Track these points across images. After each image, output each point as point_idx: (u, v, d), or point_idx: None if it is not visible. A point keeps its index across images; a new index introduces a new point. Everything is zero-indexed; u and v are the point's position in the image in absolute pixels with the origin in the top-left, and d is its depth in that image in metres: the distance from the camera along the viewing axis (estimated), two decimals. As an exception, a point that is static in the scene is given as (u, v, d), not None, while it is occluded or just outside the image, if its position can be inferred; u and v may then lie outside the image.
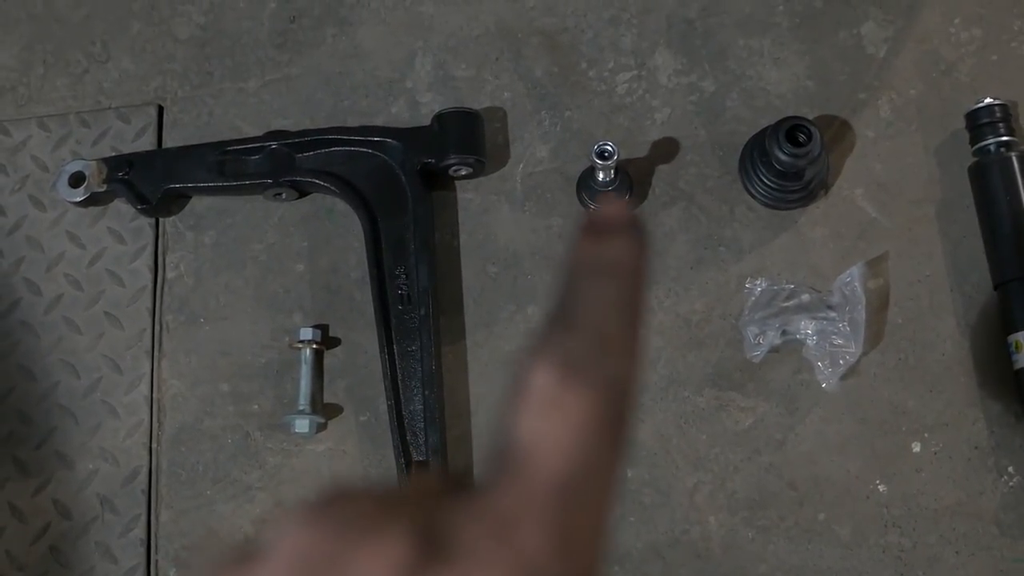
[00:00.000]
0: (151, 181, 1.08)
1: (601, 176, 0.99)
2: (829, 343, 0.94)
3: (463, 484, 0.27)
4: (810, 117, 1.03)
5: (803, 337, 0.95)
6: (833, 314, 0.95)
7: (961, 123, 1.01)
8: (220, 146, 1.09)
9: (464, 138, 1.04)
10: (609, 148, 0.96)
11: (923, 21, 1.07)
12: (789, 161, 0.95)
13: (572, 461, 0.26)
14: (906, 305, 0.98)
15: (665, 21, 1.11)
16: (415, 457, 0.96)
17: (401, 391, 0.98)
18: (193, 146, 1.10)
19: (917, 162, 1.03)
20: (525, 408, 0.26)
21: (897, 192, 1.02)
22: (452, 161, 1.04)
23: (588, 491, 0.26)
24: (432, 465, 0.95)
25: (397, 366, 0.98)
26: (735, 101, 1.07)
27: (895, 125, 1.04)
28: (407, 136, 1.06)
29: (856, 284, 0.95)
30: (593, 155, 0.96)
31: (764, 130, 0.99)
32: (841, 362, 0.94)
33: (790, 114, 0.98)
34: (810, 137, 0.95)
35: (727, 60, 1.09)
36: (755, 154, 1.00)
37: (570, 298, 0.28)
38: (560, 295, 0.28)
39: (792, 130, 0.95)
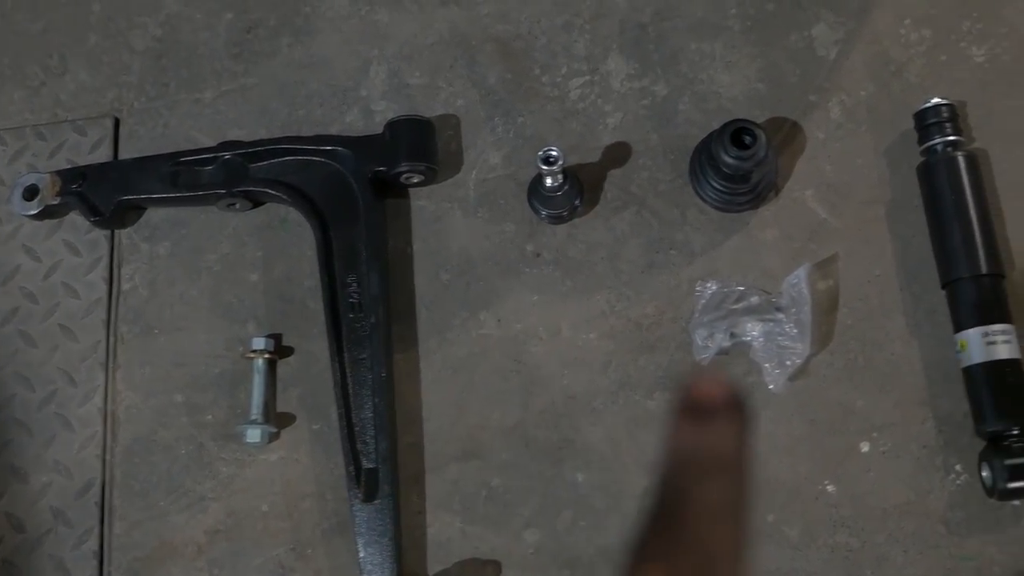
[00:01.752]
0: (105, 193, 1.08)
1: (549, 182, 0.99)
2: (776, 344, 0.94)
3: None
4: (761, 119, 1.03)
5: (751, 339, 0.95)
6: (781, 315, 0.95)
7: (911, 123, 1.01)
8: (173, 157, 1.09)
9: (415, 146, 1.05)
10: (554, 153, 0.96)
11: (874, 22, 1.07)
12: (735, 164, 0.95)
13: None
14: (856, 305, 0.98)
15: (618, 26, 1.12)
16: (365, 465, 0.96)
17: (352, 399, 0.98)
18: (146, 157, 1.11)
19: (867, 163, 1.03)
20: None
21: (847, 193, 1.02)
22: (403, 169, 1.04)
23: None
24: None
25: (348, 374, 0.98)
26: (687, 105, 1.07)
27: (845, 126, 1.04)
28: (358, 145, 1.06)
29: (803, 285, 0.95)
30: (538, 161, 0.96)
31: (712, 133, 0.99)
32: (788, 363, 0.94)
33: (741, 116, 0.98)
34: (755, 139, 0.95)
35: (679, 64, 1.09)
36: (703, 158, 1.00)
37: (672, 497, 0.27)
38: (661, 491, 0.27)
39: (737, 133, 0.95)
